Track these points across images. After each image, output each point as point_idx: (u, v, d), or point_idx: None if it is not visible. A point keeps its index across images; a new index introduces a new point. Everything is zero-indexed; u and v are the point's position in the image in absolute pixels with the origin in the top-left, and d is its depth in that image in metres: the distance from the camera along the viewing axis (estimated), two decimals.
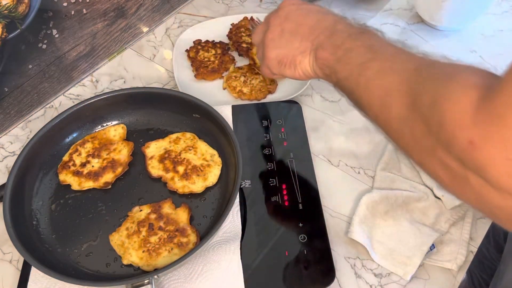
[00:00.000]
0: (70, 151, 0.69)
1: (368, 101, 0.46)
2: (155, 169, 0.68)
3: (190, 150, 0.69)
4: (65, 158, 0.69)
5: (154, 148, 0.70)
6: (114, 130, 0.72)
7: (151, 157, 0.69)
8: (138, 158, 0.70)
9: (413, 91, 0.40)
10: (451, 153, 0.35)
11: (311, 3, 0.61)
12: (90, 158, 0.68)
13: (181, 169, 0.67)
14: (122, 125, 0.73)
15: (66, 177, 0.67)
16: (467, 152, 0.33)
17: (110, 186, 0.67)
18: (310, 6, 0.59)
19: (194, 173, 0.66)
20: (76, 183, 0.67)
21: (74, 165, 0.68)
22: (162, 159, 0.69)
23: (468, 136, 0.33)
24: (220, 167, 0.68)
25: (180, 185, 0.66)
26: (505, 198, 0.33)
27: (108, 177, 0.67)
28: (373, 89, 0.45)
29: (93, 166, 0.68)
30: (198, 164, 0.67)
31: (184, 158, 0.68)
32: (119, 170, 0.68)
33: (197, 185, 0.66)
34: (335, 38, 0.52)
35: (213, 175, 0.67)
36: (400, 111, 0.41)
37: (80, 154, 0.69)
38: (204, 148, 0.69)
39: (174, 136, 0.71)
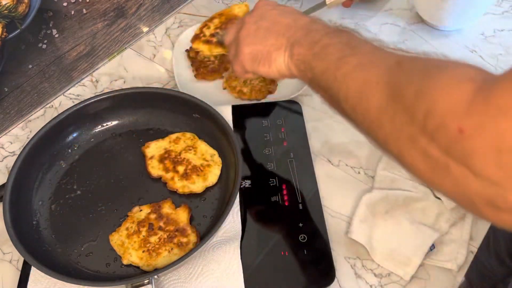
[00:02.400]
0: (200, 25, 0.79)
1: (345, 94, 0.45)
2: (155, 169, 0.68)
3: (190, 150, 0.69)
4: (197, 31, 0.78)
5: (154, 148, 0.70)
6: (238, 8, 0.79)
7: (151, 157, 0.69)
8: (138, 158, 0.70)
9: (394, 82, 0.40)
10: (435, 141, 0.35)
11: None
12: (218, 30, 0.76)
13: (181, 169, 0.67)
14: (245, 3, 0.79)
15: (198, 45, 0.76)
16: (455, 140, 0.34)
17: None
18: (286, 7, 0.59)
19: (194, 173, 0.66)
20: (207, 49, 0.75)
21: (204, 35, 0.77)
22: (162, 159, 0.69)
23: (459, 124, 0.33)
24: (220, 167, 0.68)
25: (180, 185, 0.66)
26: (486, 186, 0.33)
27: None
28: (351, 82, 0.45)
29: (222, 35, 0.74)
30: (198, 164, 0.67)
31: (184, 158, 0.68)
32: None
33: (197, 185, 0.66)
34: (312, 35, 0.52)
35: (213, 175, 0.67)
36: (379, 101, 0.41)
37: (209, 27, 0.77)
38: (204, 148, 0.69)
39: (174, 136, 0.71)
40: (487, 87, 0.33)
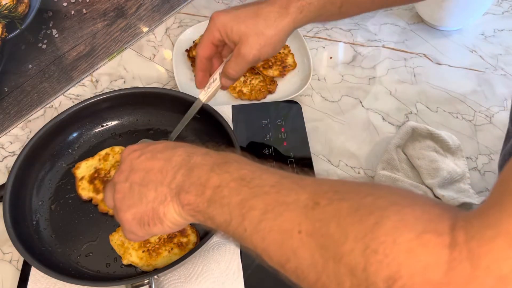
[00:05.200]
0: (200, 37, 0.84)
1: (266, 252, 0.37)
2: (85, 190, 0.66)
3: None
4: (197, 41, 0.85)
5: (84, 168, 0.67)
6: None
7: (81, 178, 0.67)
8: None
9: (318, 231, 0.33)
10: None
11: None
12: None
13: None
14: None
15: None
16: None
17: None
18: (156, 146, 0.48)
19: None
20: None
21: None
22: (92, 179, 0.66)
23: None
24: None
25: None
26: None
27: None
28: (267, 235, 0.36)
29: None
30: None
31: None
32: None
33: None
34: (195, 176, 0.42)
35: None
36: (310, 259, 0.33)
37: None
38: None
39: (103, 152, 0.69)
40: (464, 240, 0.27)
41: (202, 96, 0.64)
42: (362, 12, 0.65)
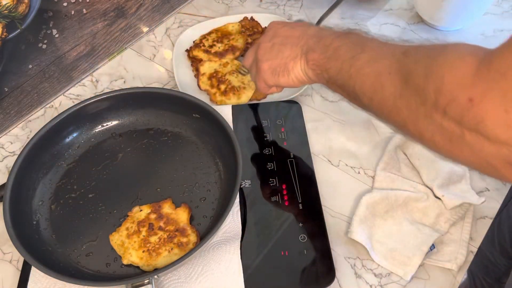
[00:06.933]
0: (200, 37, 0.88)
1: (361, 89, 0.49)
2: (204, 84, 0.81)
3: (233, 74, 0.81)
4: (197, 41, 0.87)
5: (207, 67, 0.83)
6: (232, 26, 0.90)
7: (203, 74, 0.82)
8: (138, 158, 0.70)
9: (404, 69, 0.44)
10: (448, 115, 0.38)
11: None
12: (215, 43, 0.86)
13: (222, 87, 0.80)
14: (238, 23, 0.90)
15: (198, 53, 0.85)
16: (466, 110, 0.37)
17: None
18: (296, 23, 0.64)
19: (231, 91, 0.79)
20: (205, 57, 0.84)
21: (204, 45, 0.86)
22: (210, 77, 0.82)
23: (467, 95, 0.37)
24: (253, 91, 0.79)
25: (219, 99, 0.79)
26: (499, 147, 0.36)
27: (229, 57, 0.84)
28: (364, 77, 0.49)
29: (218, 47, 0.86)
30: (236, 85, 0.80)
31: (227, 79, 0.81)
32: (237, 53, 0.85)
33: (231, 101, 0.79)
34: (323, 41, 0.56)
35: (246, 96, 0.79)
36: (394, 89, 0.45)
37: (207, 40, 0.87)
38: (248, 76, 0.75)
39: (224, 60, 0.84)
40: (487, 58, 0.37)
41: None
42: None
